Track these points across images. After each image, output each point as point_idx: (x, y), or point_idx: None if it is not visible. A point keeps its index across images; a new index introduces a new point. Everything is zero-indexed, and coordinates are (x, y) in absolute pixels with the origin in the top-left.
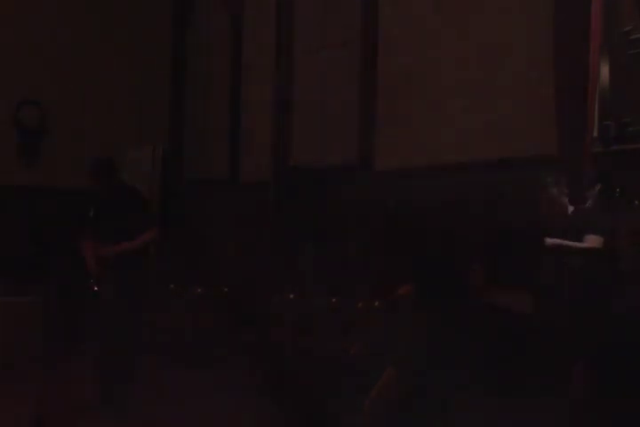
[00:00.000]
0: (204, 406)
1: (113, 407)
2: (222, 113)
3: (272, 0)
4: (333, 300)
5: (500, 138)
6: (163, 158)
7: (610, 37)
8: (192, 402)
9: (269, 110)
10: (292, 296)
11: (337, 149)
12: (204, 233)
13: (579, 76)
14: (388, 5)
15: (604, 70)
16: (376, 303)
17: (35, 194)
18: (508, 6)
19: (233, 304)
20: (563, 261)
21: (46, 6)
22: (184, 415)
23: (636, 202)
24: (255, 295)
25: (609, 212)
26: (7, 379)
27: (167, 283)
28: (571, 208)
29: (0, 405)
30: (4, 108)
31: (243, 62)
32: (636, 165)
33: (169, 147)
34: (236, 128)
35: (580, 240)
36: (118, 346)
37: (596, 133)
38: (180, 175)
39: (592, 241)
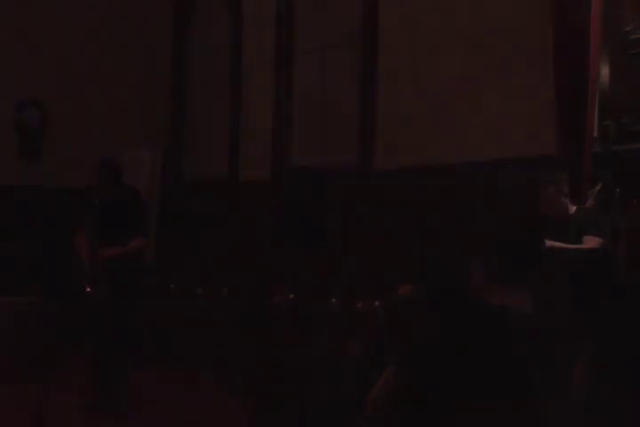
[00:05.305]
0: (202, 406)
1: (112, 408)
2: (222, 113)
3: (272, 0)
4: (333, 300)
5: (500, 138)
6: (163, 158)
7: (610, 37)
8: (191, 402)
9: (269, 110)
10: (291, 296)
11: (337, 149)
12: (204, 233)
13: (579, 76)
14: (387, 5)
15: (604, 70)
16: (376, 303)
17: (35, 194)
18: (508, 6)
19: (233, 304)
20: (562, 261)
21: (46, 6)
22: (183, 416)
23: (636, 202)
24: (255, 295)
25: (609, 212)
26: (7, 379)
27: (167, 283)
28: (571, 208)
29: (0, 405)
30: (5, 108)
31: (243, 62)
32: (636, 165)
33: (169, 147)
34: (235, 128)
35: (579, 240)
36: (112, 346)
37: (596, 133)
38: (180, 175)
39: (590, 242)
